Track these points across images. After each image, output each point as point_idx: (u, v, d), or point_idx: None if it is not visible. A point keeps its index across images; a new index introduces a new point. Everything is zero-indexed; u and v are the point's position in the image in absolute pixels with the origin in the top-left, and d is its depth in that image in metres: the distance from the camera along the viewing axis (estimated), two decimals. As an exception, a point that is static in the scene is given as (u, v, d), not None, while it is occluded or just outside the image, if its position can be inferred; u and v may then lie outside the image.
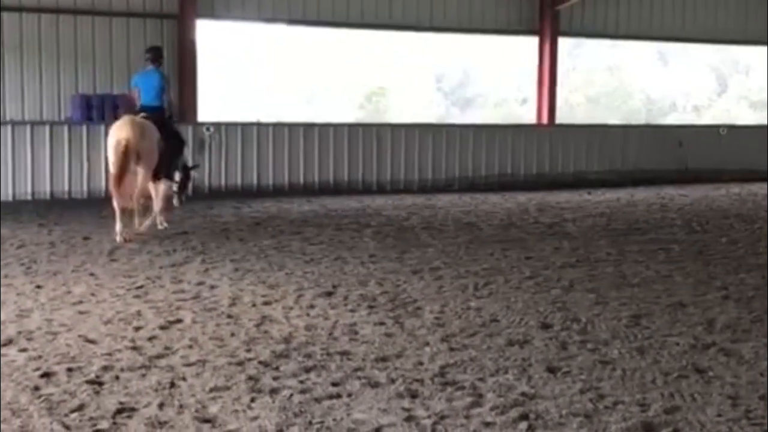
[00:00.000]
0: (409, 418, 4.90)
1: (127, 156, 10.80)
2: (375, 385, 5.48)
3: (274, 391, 5.33)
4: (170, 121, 12.24)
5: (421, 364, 5.95)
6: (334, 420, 4.87)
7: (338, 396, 5.26)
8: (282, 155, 17.05)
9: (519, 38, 20.16)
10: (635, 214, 14.21)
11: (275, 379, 5.57)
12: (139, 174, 11.14)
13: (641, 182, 19.02)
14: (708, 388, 5.48)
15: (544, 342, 6.53)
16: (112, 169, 11.02)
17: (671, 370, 5.86)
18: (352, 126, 17.97)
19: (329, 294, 8.10)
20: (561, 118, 20.46)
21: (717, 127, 20.93)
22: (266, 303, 7.71)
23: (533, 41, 20.02)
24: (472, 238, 11.53)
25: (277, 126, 17.19)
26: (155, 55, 12.06)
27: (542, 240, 11.46)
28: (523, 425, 4.83)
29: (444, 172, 18.18)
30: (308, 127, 17.33)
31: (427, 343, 6.45)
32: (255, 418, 4.89)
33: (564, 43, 20.07)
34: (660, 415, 5.02)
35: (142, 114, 11.61)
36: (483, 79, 20.02)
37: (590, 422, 4.89)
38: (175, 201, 12.64)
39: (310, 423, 4.82)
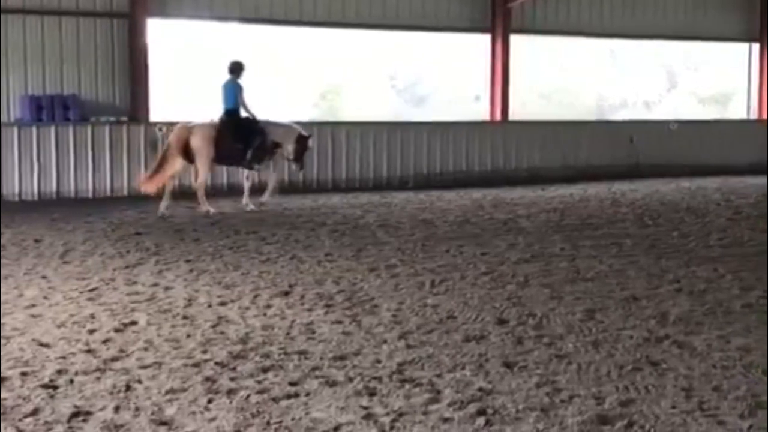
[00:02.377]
0: (367, 416, 4.92)
1: (164, 155, 13.96)
2: (333, 383, 5.48)
3: (231, 392, 5.31)
4: (247, 119, 14.24)
5: (378, 361, 5.97)
6: (293, 419, 4.87)
7: (296, 395, 5.25)
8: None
9: (471, 36, 20.23)
10: (588, 210, 14.36)
11: (232, 379, 5.55)
12: (200, 165, 13.98)
13: (593, 178, 19.19)
14: (662, 381, 5.56)
15: (500, 337, 6.59)
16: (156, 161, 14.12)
17: (626, 363, 5.94)
18: (306, 124, 17.88)
19: (286, 293, 8.08)
20: (514, 114, 20.56)
21: (667, 122, 21.19)
22: (222, 303, 7.67)
23: (485, 39, 20.11)
24: (428, 235, 11.57)
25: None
26: (232, 67, 14.18)
27: (497, 236, 11.53)
28: (481, 420, 4.86)
29: (399, 169, 18.21)
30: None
31: (385, 341, 6.47)
32: (212, 420, 4.87)
33: (516, 41, 20.19)
34: (615, 407, 5.08)
35: (223, 116, 14.13)
36: (436, 76, 20.07)
37: (547, 416, 4.94)
38: (294, 167, 15.28)
39: (268, 423, 4.81)
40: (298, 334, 6.65)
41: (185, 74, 17.98)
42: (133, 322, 7.00)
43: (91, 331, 6.72)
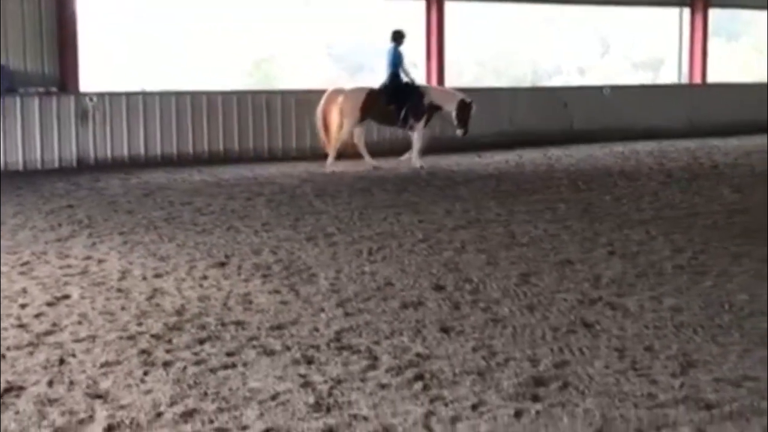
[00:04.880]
0: (305, 384, 4.92)
1: (323, 115, 15.69)
2: (270, 353, 5.47)
3: (167, 364, 5.27)
4: (405, 83, 15.70)
5: (316, 330, 5.97)
6: (230, 390, 4.85)
7: (233, 366, 5.23)
8: (170, 124, 16.71)
9: (407, 2, 20.16)
10: (523, 175, 14.48)
11: (168, 351, 5.51)
12: (344, 125, 15.55)
13: (529, 144, 19.33)
14: (595, 342, 5.66)
15: (437, 303, 6.63)
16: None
17: (560, 325, 6.03)
18: (240, 93, 17.71)
19: (222, 264, 8.02)
20: (449, 82, 20.57)
21: (600, 88, 21.40)
22: (157, 275, 7.59)
23: (421, 5, 20.06)
24: (365, 204, 11.57)
25: (164, 95, 16.83)
26: (393, 36, 15.65)
27: (434, 203, 11.58)
28: (419, 385, 4.90)
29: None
30: (196, 95, 17.01)
31: (323, 309, 6.47)
32: (148, 392, 4.83)
33: (451, 7, 20.16)
34: (550, 369, 5.16)
35: (386, 80, 15.66)
36: (373, 44, 19.99)
37: (483, 379, 5.00)
38: (459, 133, 16.08)
39: (206, 394, 4.79)
40: (235, 305, 6.61)
41: (116, 43, 17.64)
42: (66, 296, 6.90)
43: (23, 306, 6.60)
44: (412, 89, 15.74)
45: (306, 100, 17.53)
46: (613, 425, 4.36)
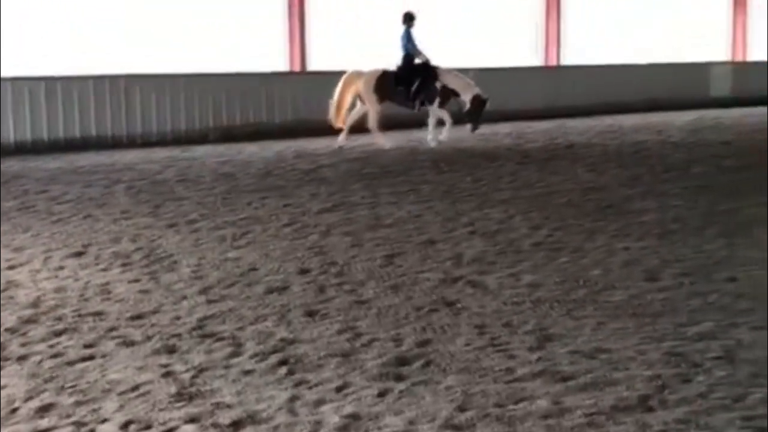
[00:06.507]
0: (167, 374, 4.85)
1: (340, 95, 15.99)
2: (130, 343, 5.36)
3: (22, 358, 5.10)
4: (416, 64, 16.14)
5: (178, 318, 5.88)
6: (88, 382, 4.73)
7: (92, 358, 5.11)
8: (23, 111, 16.07)
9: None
10: (387, 158, 14.59)
11: (23, 345, 5.34)
12: (368, 107, 16.05)
13: (396, 127, 19.42)
14: (457, 320, 5.78)
15: (302, 287, 6.63)
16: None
17: (423, 304, 6.13)
18: (97, 78, 17.17)
19: (79, 254, 7.79)
20: (315, 65, 20.49)
21: (467, 71, 21.69)
22: (11, 267, 7.31)
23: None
24: (229, 189, 11.43)
25: (16, 81, 16.17)
26: (404, 18, 16.13)
27: (300, 187, 11.54)
28: (283, 370, 4.90)
29: (198, 122, 17.83)
30: (50, 81, 16.41)
31: (185, 297, 6.38)
32: (2, 387, 4.66)
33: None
34: (413, 348, 5.24)
35: (399, 62, 16.17)
36: (230, 27, 19.68)
37: (348, 361, 5.03)
38: (469, 128, 16.48)
39: (62, 387, 4.66)
40: (93, 295, 6.44)
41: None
42: None
43: None
44: (424, 71, 16.09)
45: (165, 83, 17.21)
46: (473, 400, 4.46)
